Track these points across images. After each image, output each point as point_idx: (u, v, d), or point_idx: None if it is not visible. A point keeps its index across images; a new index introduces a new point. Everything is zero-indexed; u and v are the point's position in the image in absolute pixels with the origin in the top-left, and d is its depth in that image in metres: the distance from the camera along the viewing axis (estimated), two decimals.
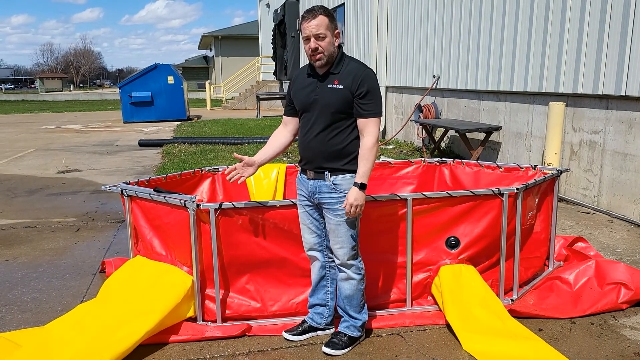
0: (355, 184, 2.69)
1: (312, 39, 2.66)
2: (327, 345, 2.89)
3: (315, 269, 3.02)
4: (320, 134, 2.76)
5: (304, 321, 3.11)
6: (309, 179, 2.85)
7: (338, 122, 2.74)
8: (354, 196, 2.67)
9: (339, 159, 2.76)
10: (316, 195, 2.83)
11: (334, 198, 2.78)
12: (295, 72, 2.97)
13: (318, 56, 2.69)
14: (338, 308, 3.01)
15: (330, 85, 2.72)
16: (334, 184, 2.78)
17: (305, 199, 2.92)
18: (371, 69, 2.76)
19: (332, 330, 3.10)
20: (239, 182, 2.91)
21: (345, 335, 2.94)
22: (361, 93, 2.67)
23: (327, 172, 2.78)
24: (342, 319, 2.99)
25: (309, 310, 3.11)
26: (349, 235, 2.81)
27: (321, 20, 2.65)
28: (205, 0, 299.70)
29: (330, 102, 2.71)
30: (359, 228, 2.90)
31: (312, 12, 2.66)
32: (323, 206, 2.84)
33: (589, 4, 5.63)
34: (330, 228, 2.84)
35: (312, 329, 3.07)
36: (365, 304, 3.00)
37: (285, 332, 3.07)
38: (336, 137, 2.75)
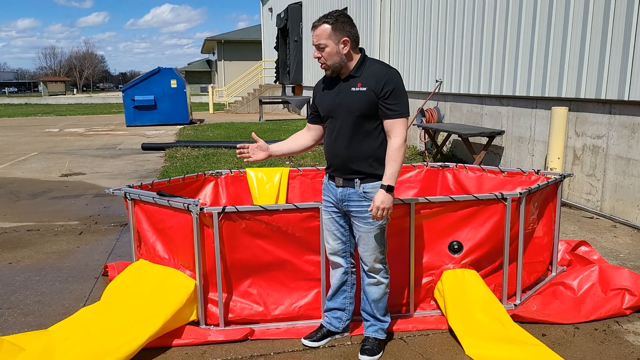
0: (382, 187, 2.65)
1: (315, 49, 2.70)
2: (363, 353, 2.87)
3: (337, 275, 3.00)
4: (347, 139, 2.72)
5: (321, 326, 3.09)
6: (337, 187, 2.82)
7: (364, 126, 2.70)
8: (381, 199, 2.63)
9: (368, 164, 2.72)
10: (345, 203, 2.80)
11: (363, 206, 2.75)
12: (319, 80, 2.95)
13: (323, 66, 2.71)
14: (363, 313, 3.00)
15: (353, 89, 2.68)
16: (364, 192, 2.74)
17: (332, 205, 2.89)
18: (395, 69, 2.72)
19: (347, 334, 3.11)
20: (245, 160, 2.96)
21: (376, 339, 2.94)
22: (386, 93, 2.63)
23: (356, 180, 2.74)
24: (368, 324, 2.97)
25: (326, 315, 3.09)
26: (378, 242, 2.81)
27: (321, 30, 2.65)
28: (210, 5, 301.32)
29: (355, 105, 2.67)
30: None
31: (318, 20, 2.68)
32: (352, 214, 2.81)
33: (592, 8, 5.64)
34: (359, 235, 2.82)
35: (330, 333, 3.07)
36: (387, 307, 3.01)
37: (305, 338, 3.05)
38: (364, 141, 2.71)
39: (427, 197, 3.23)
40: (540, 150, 6.73)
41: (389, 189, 2.64)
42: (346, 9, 13.46)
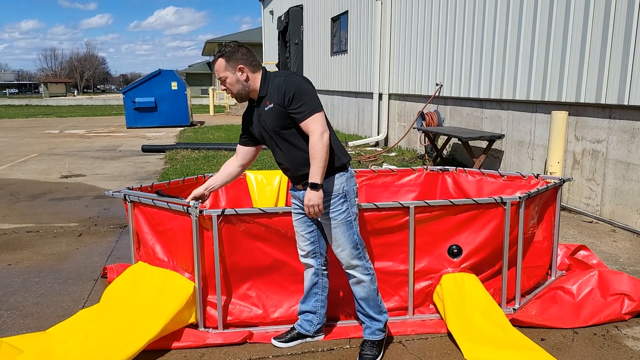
0: (307, 184, 2.70)
1: (220, 82, 2.82)
2: (361, 359, 2.88)
3: (308, 276, 3.04)
4: (283, 153, 2.82)
5: (292, 328, 3.12)
6: (298, 190, 2.91)
7: (291, 137, 2.77)
8: (308, 197, 2.69)
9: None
10: None
11: (323, 202, 2.78)
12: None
13: (232, 96, 2.84)
14: (359, 314, 3.00)
15: (266, 109, 2.78)
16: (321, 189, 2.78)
17: (298, 207, 2.96)
18: (293, 74, 2.76)
19: (320, 338, 3.12)
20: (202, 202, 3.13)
21: (373, 342, 2.93)
22: (288, 101, 2.69)
23: None
24: (364, 326, 2.97)
25: (299, 316, 3.12)
26: (347, 236, 2.82)
27: (218, 64, 2.78)
28: (214, 8, 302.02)
29: (272, 123, 2.76)
30: (359, 230, 2.89)
31: (214, 56, 2.81)
32: None
33: (592, 13, 5.65)
34: (327, 232, 2.87)
35: (300, 336, 3.09)
36: (383, 303, 3.00)
37: (274, 339, 3.08)
38: (298, 149, 2.78)
39: (426, 201, 3.23)
40: (540, 154, 6.73)
41: (313, 186, 2.67)
42: (346, 12, 13.48)
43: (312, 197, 2.68)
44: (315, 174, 2.66)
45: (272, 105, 2.73)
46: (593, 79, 5.66)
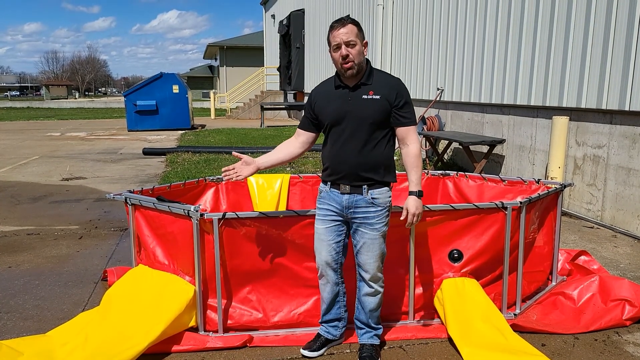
0: (412, 193, 2.72)
1: (343, 46, 2.65)
2: None
3: (328, 288, 2.98)
4: (359, 146, 2.72)
5: (319, 335, 3.07)
6: (342, 193, 2.79)
7: (375, 133, 2.73)
8: (415, 205, 2.71)
9: (377, 171, 2.75)
10: (351, 210, 2.79)
11: (370, 212, 2.77)
12: (316, 87, 2.92)
13: (349, 64, 2.65)
14: (357, 321, 3.01)
15: (365, 97, 2.70)
16: (372, 198, 2.76)
17: (334, 214, 2.84)
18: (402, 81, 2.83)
19: (342, 341, 3.12)
20: (232, 179, 2.83)
21: (372, 345, 2.95)
22: (400, 102, 2.70)
23: (364, 187, 2.75)
24: (363, 332, 2.98)
25: (322, 325, 3.08)
26: (381, 249, 2.84)
27: (350, 28, 2.66)
28: (216, 11, 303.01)
29: (368, 113, 2.69)
30: None
31: (341, 21, 2.70)
32: (358, 221, 2.80)
33: (593, 18, 5.66)
34: (364, 242, 2.80)
35: (328, 341, 3.07)
36: None
37: (303, 349, 3.01)
38: (375, 148, 2.74)
39: (427, 205, 3.22)
40: (541, 159, 6.74)
41: (420, 194, 2.73)
42: (348, 16, 13.52)
43: (420, 206, 2.73)
44: (419, 183, 2.73)
45: (378, 97, 2.69)
46: (594, 84, 5.67)
